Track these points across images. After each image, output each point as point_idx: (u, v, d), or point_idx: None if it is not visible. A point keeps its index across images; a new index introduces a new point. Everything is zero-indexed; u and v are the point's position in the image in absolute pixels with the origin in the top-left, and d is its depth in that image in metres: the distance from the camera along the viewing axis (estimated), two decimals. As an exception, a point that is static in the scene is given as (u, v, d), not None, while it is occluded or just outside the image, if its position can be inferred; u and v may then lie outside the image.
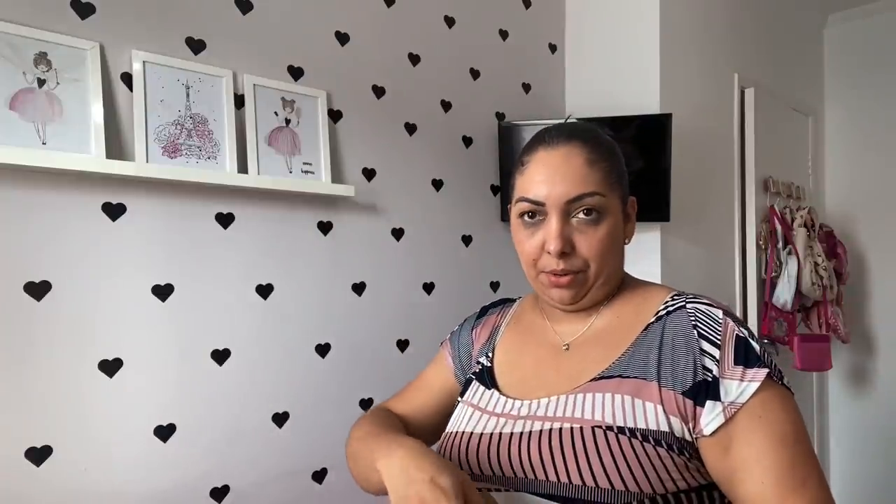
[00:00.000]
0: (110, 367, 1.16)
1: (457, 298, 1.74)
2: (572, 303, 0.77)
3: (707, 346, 0.67)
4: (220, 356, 1.31)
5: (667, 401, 0.66)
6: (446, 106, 1.75)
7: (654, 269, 1.84)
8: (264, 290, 1.37)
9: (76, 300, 1.13)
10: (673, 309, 0.73)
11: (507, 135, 1.83)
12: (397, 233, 1.62)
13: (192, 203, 1.27)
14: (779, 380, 0.66)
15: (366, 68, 1.57)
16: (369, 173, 1.57)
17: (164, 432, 1.22)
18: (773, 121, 2.36)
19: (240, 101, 1.33)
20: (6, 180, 1.06)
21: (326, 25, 1.49)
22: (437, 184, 1.72)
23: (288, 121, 1.39)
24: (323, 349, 1.47)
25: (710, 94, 2.09)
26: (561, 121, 0.83)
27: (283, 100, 1.39)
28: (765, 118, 2.28)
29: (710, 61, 2.09)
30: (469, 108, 1.80)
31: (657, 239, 1.85)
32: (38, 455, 1.08)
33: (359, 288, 1.54)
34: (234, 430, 1.32)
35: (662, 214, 1.74)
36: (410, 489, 0.59)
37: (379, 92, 1.59)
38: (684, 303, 0.73)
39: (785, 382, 0.67)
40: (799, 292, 2.23)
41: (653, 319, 0.74)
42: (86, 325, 1.14)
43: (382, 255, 1.59)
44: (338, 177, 1.50)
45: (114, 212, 1.17)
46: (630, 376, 0.69)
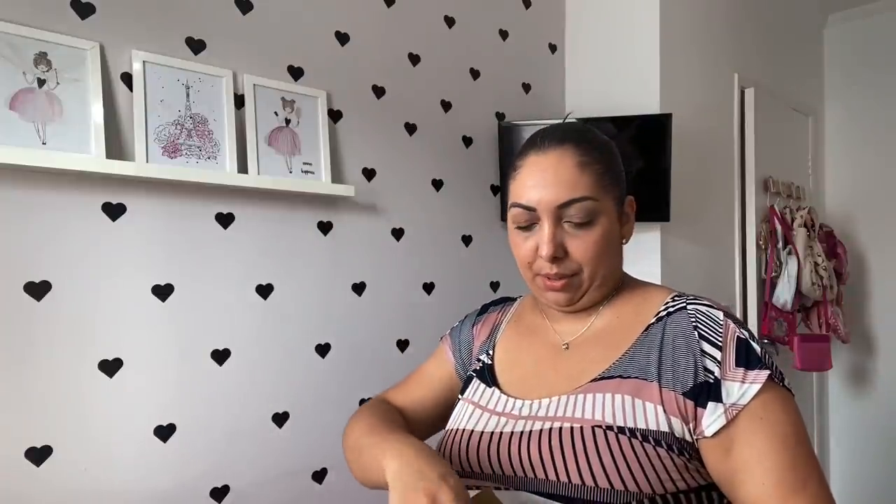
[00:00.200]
0: (110, 367, 1.16)
1: (457, 298, 1.74)
2: (568, 305, 0.78)
3: (708, 348, 0.67)
4: (220, 356, 1.31)
5: (667, 401, 0.66)
6: (446, 106, 1.75)
7: (654, 269, 1.84)
8: (264, 290, 1.37)
9: (76, 300, 1.13)
10: (674, 310, 0.73)
11: (507, 135, 1.83)
12: (397, 233, 1.62)
13: (192, 203, 1.27)
14: (780, 381, 0.66)
15: (366, 68, 1.57)
16: (369, 173, 1.57)
17: (164, 432, 1.22)
18: (773, 121, 2.36)
19: (240, 101, 1.33)
20: (6, 180, 1.06)
21: (326, 25, 1.50)
22: (437, 184, 1.72)
23: (288, 121, 1.39)
24: (323, 349, 1.47)
25: (710, 94, 2.09)
26: (558, 121, 0.83)
27: (283, 100, 1.39)
28: (765, 118, 2.28)
29: (710, 61, 2.09)
30: (469, 108, 1.80)
31: (657, 239, 1.85)
32: (38, 455, 1.08)
33: (359, 288, 1.54)
34: (234, 430, 1.32)
35: (662, 214, 1.74)
36: (420, 484, 0.59)
37: (379, 92, 1.59)
38: (685, 304, 0.73)
39: (786, 384, 0.67)
40: (799, 292, 2.23)
41: (653, 320, 0.74)
42: (86, 325, 1.14)
43: (382, 255, 1.59)
44: (338, 177, 1.50)
45: (114, 212, 1.17)
46: (630, 376, 0.69)
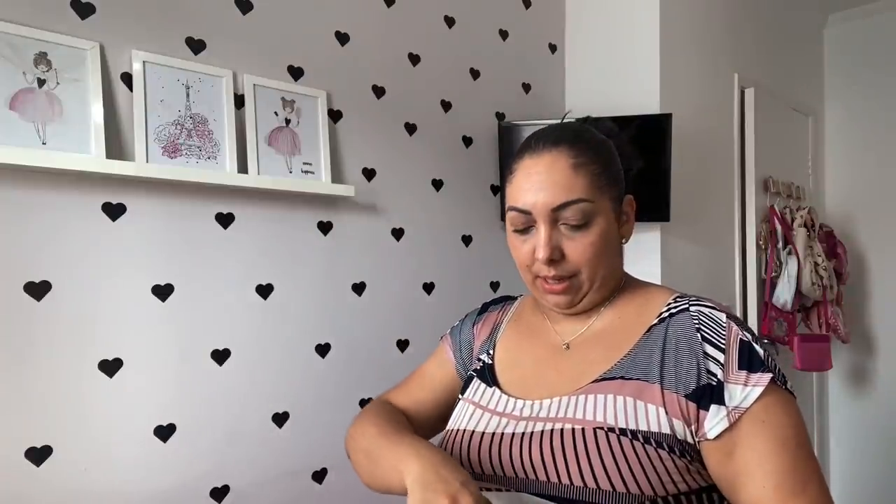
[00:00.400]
0: (110, 367, 1.16)
1: (457, 298, 1.74)
2: (569, 307, 0.77)
3: (711, 350, 0.67)
4: (220, 356, 1.31)
5: (669, 403, 0.66)
6: (446, 106, 1.75)
7: (654, 269, 1.84)
8: (264, 290, 1.37)
9: (76, 300, 1.13)
10: (676, 311, 0.73)
11: (507, 135, 1.83)
12: (397, 233, 1.62)
13: (192, 203, 1.27)
14: (782, 384, 0.66)
15: (366, 68, 1.57)
16: (369, 173, 1.57)
17: (164, 432, 1.22)
18: (773, 121, 2.36)
19: (240, 101, 1.33)
20: (6, 180, 1.06)
21: (326, 25, 1.50)
22: (437, 184, 1.72)
23: (288, 121, 1.39)
24: (323, 349, 1.47)
25: (710, 94, 2.09)
26: (558, 121, 0.83)
27: (283, 100, 1.39)
28: (765, 118, 2.28)
29: (710, 61, 2.09)
30: (469, 108, 1.80)
31: (657, 239, 1.85)
32: (38, 455, 1.08)
33: (359, 288, 1.54)
34: (234, 430, 1.32)
35: (662, 214, 1.74)
36: (442, 488, 0.60)
37: (379, 92, 1.59)
38: (687, 305, 0.73)
39: (788, 387, 0.66)
40: (799, 292, 2.23)
41: (655, 321, 0.73)
42: (86, 325, 1.14)
43: (382, 255, 1.59)
44: (338, 177, 1.50)
45: (114, 212, 1.17)
46: (632, 378, 0.69)
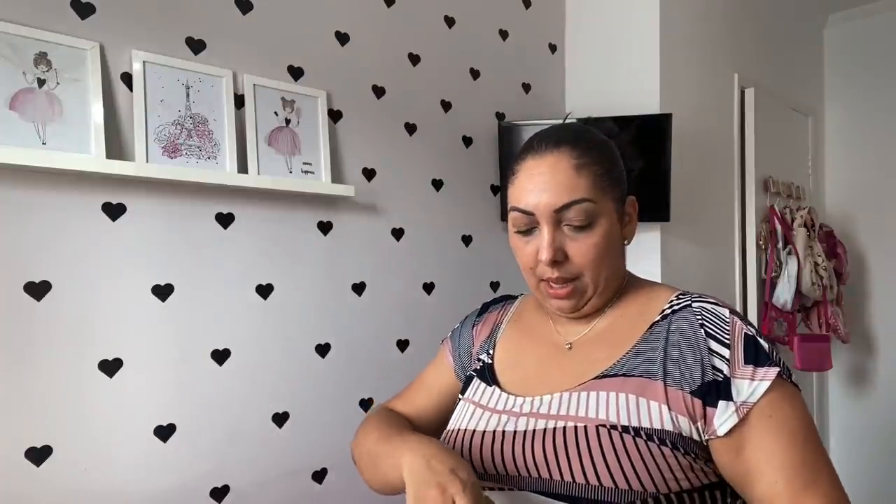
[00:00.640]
0: (110, 367, 1.16)
1: (457, 298, 1.74)
2: (573, 311, 0.77)
3: (716, 346, 0.67)
4: (220, 356, 1.31)
5: (673, 400, 0.66)
6: (446, 106, 1.75)
7: (654, 269, 1.84)
8: (264, 290, 1.37)
9: (76, 300, 1.13)
10: (678, 308, 0.73)
11: (507, 135, 1.83)
12: (397, 233, 1.62)
13: (192, 203, 1.27)
14: (788, 378, 0.66)
15: (366, 68, 1.57)
16: (369, 173, 1.57)
17: (164, 432, 1.22)
18: (773, 121, 2.36)
19: (240, 101, 1.33)
20: (6, 180, 1.06)
21: (326, 25, 1.50)
22: (437, 184, 1.72)
23: (288, 121, 1.39)
24: (323, 349, 1.47)
25: (710, 94, 2.09)
26: (559, 121, 0.83)
27: (283, 100, 1.39)
28: (765, 118, 2.28)
29: (710, 61, 2.09)
30: (469, 108, 1.80)
31: (657, 239, 1.85)
32: (38, 455, 1.08)
33: (359, 288, 1.54)
34: (234, 430, 1.32)
35: (662, 214, 1.74)
36: (431, 477, 0.61)
37: (379, 92, 1.59)
38: (690, 302, 0.73)
39: (793, 380, 0.67)
40: (799, 292, 2.23)
41: (657, 318, 0.73)
42: (86, 325, 1.14)
43: (382, 255, 1.59)
44: (338, 177, 1.50)
45: (114, 212, 1.17)
46: (635, 375, 0.69)
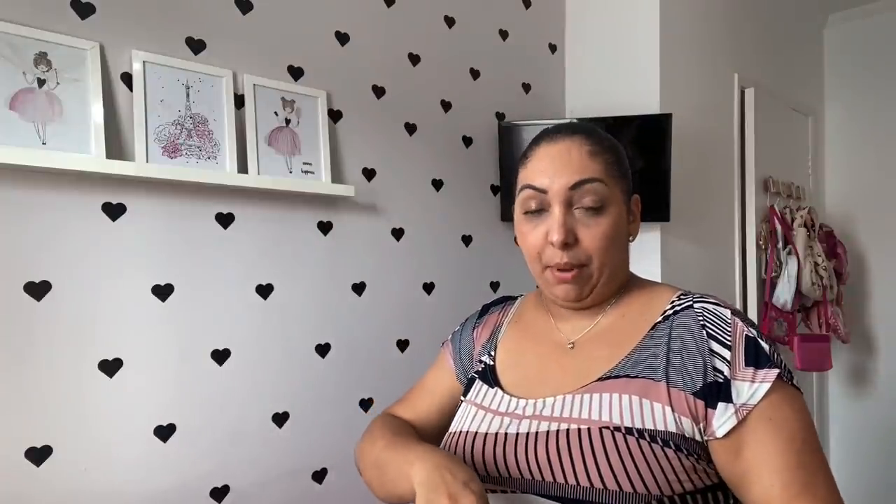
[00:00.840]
0: (110, 367, 1.16)
1: (457, 298, 1.74)
2: (578, 300, 0.76)
3: (717, 347, 0.67)
4: (220, 356, 1.31)
5: (676, 401, 0.66)
6: (446, 106, 1.75)
7: (654, 268, 1.84)
8: (264, 290, 1.37)
9: (76, 300, 1.13)
10: (680, 308, 0.72)
11: (507, 135, 1.83)
12: (397, 233, 1.62)
13: (192, 203, 1.27)
14: (788, 380, 0.65)
15: (366, 68, 1.57)
16: (369, 173, 1.57)
17: (164, 432, 1.22)
18: (773, 121, 2.36)
19: (240, 101, 1.33)
20: (6, 180, 1.06)
21: (326, 25, 1.49)
22: (437, 184, 1.72)
23: (288, 121, 1.39)
24: (323, 349, 1.47)
25: (710, 94, 2.08)
26: (559, 121, 0.83)
27: (283, 100, 1.39)
28: (765, 118, 2.28)
29: (710, 61, 2.09)
30: (469, 108, 1.80)
31: (657, 239, 1.84)
32: (38, 455, 1.08)
33: (359, 288, 1.54)
34: (235, 430, 1.32)
35: (662, 214, 1.74)
36: (442, 487, 0.60)
37: (379, 92, 1.59)
38: (691, 302, 0.72)
39: (794, 382, 0.66)
40: (799, 292, 2.23)
41: (660, 319, 0.73)
42: (86, 325, 1.14)
43: (382, 255, 1.59)
44: (338, 177, 1.50)
45: (114, 212, 1.17)
46: (637, 376, 0.69)
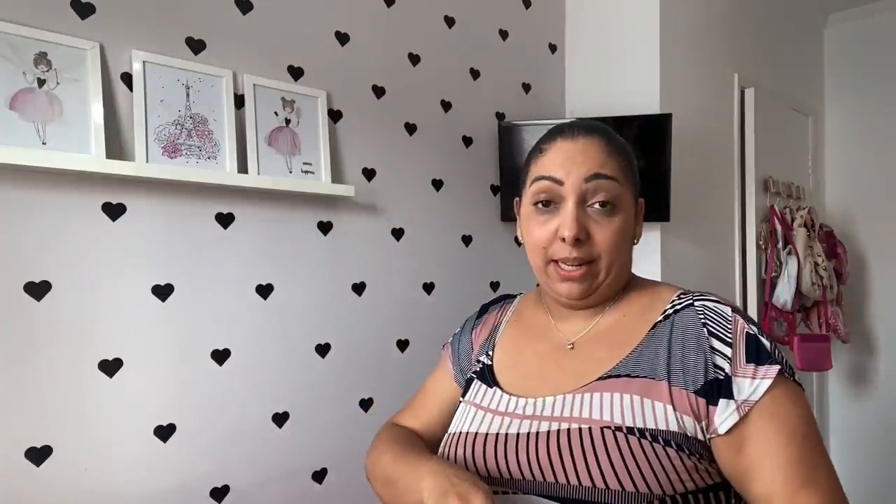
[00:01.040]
0: (110, 367, 1.16)
1: (457, 298, 1.74)
2: (581, 297, 0.75)
3: (718, 344, 0.67)
4: (220, 356, 1.31)
5: (678, 400, 0.65)
6: (446, 106, 1.75)
7: (654, 268, 1.84)
8: (264, 290, 1.37)
9: (76, 300, 1.13)
10: (681, 307, 0.72)
11: (507, 135, 1.83)
12: (397, 233, 1.62)
13: (192, 203, 1.27)
14: (790, 376, 0.66)
15: (366, 68, 1.57)
16: (369, 173, 1.57)
17: (164, 432, 1.22)
18: (773, 121, 2.36)
19: (240, 101, 1.33)
20: (6, 180, 1.06)
21: (326, 25, 1.49)
22: (437, 184, 1.72)
23: (288, 121, 1.39)
24: (323, 349, 1.47)
25: (710, 94, 2.08)
26: (560, 121, 0.84)
27: (283, 100, 1.39)
28: (765, 118, 2.28)
29: (710, 61, 2.09)
30: (469, 108, 1.80)
31: (657, 239, 1.84)
32: (38, 455, 1.08)
33: (359, 288, 1.54)
34: (234, 430, 1.32)
35: (662, 214, 1.74)
36: (451, 489, 0.61)
37: (379, 92, 1.59)
38: (692, 300, 0.72)
39: (795, 378, 0.66)
40: (799, 292, 2.23)
41: (660, 318, 0.73)
42: (86, 325, 1.14)
43: (382, 255, 1.59)
44: (338, 177, 1.50)
45: (114, 212, 1.17)
46: (639, 376, 0.69)
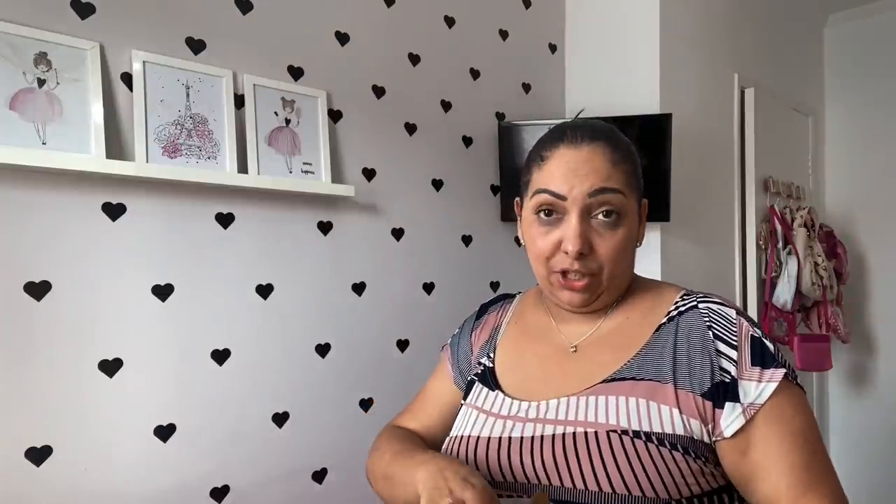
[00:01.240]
0: (110, 367, 1.16)
1: (457, 298, 1.74)
2: (583, 306, 0.75)
3: (723, 347, 0.67)
4: (220, 356, 1.31)
5: (684, 403, 0.65)
6: (446, 106, 1.74)
7: (654, 268, 1.84)
8: (264, 290, 1.37)
9: (76, 300, 1.13)
10: (685, 309, 0.72)
11: (507, 135, 1.83)
12: (397, 233, 1.62)
13: (192, 203, 1.27)
14: (793, 379, 0.66)
15: (366, 68, 1.56)
16: (369, 173, 1.57)
17: (164, 432, 1.22)
18: (773, 121, 2.36)
19: (240, 101, 1.33)
20: (6, 180, 1.06)
21: (326, 25, 1.49)
22: (437, 184, 1.72)
23: (288, 121, 1.39)
24: (323, 349, 1.47)
25: (710, 94, 2.08)
26: (558, 121, 0.82)
27: (283, 100, 1.39)
28: (765, 118, 2.28)
29: (710, 61, 2.09)
30: (469, 108, 1.80)
31: (657, 239, 1.84)
32: (38, 455, 1.08)
33: (359, 288, 1.54)
34: (234, 430, 1.32)
35: (662, 214, 1.74)
36: (442, 483, 0.60)
37: (379, 92, 1.59)
38: (696, 302, 0.72)
39: (798, 381, 0.66)
40: (799, 292, 2.23)
41: (664, 320, 0.72)
42: (86, 325, 1.14)
43: (382, 255, 1.59)
44: (338, 177, 1.50)
45: (114, 212, 1.17)
46: (644, 379, 0.68)
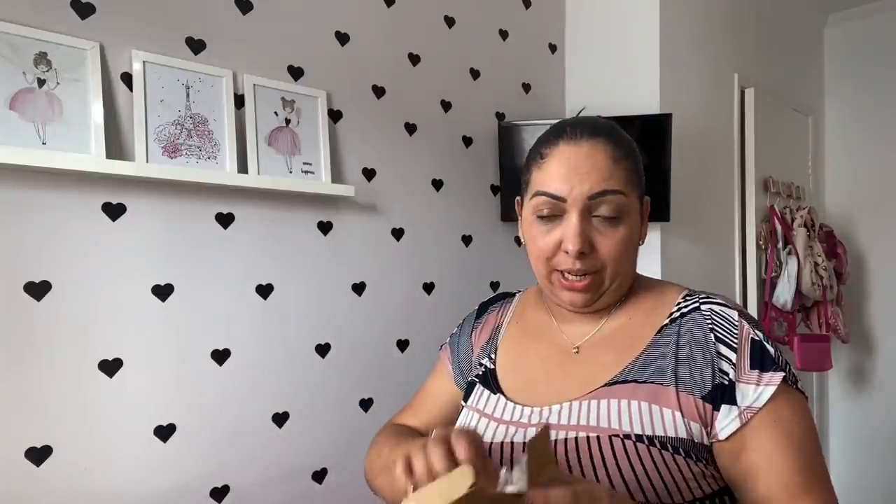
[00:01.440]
0: (110, 367, 1.16)
1: (457, 298, 1.74)
2: (585, 306, 0.74)
3: (723, 350, 0.66)
4: (220, 356, 1.31)
5: (685, 406, 0.65)
6: (446, 106, 1.74)
7: (654, 268, 1.84)
8: (264, 290, 1.37)
9: (76, 300, 1.13)
10: (687, 310, 0.71)
11: (507, 135, 1.83)
12: (397, 233, 1.62)
13: (192, 203, 1.27)
14: (793, 384, 0.65)
15: (366, 68, 1.56)
16: (369, 173, 1.57)
17: (164, 432, 1.22)
18: (773, 121, 2.36)
19: (240, 101, 1.33)
20: (6, 180, 1.06)
21: (326, 25, 1.49)
22: (437, 184, 1.72)
23: (288, 121, 1.39)
24: (323, 349, 1.47)
25: (710, 94, 2.08)
26: (558, 121, 0.82)
27: (283, 100, 1.39)
28: (765, 118, 2.28)
29: (710, 61, 2.08)
30: (469, 108, 1.80)
31: (657, 239, 1.84)
32: (38, 455, 1.08)
33: (359, 288, 1.54)
34: (235, 430, 1.32)
35: (662, 214, 1.74)
36: (433, 436, 0.54)
37: (379, 92, 1.59)
38: (698, 303, 0.71)
39: (798, 386, 0.66)
40: (799, 292, 2.23)
41: (666, 321, 0.72)
42: (86, 325, 1.14)
43: (382, 255, 1.59)
44: (338, 177, 1.50)
45: (114, 212, 1.17)
46: (646, 381, 0.68)
